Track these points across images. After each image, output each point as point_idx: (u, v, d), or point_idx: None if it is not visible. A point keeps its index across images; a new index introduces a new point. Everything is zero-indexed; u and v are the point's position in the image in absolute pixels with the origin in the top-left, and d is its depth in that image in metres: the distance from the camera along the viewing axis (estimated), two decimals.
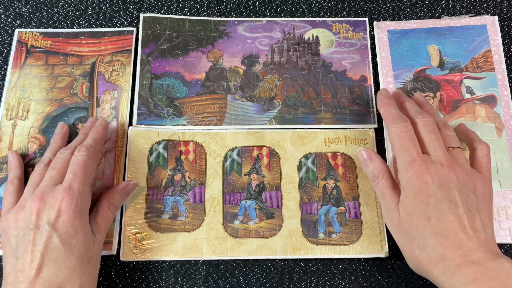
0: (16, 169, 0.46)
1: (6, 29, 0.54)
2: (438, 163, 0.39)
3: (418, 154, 0.39)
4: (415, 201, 0.38)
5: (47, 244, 0.38)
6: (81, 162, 0.41)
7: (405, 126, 0.41)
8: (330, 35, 0.54)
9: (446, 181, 0.38)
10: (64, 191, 0.39)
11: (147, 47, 0.53)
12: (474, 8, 0.56)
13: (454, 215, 0.37)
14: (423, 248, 0.38)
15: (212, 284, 0.45)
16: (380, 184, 0.42)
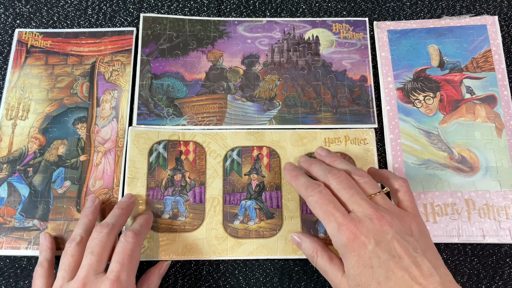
0: (47, 252, 0.43)
1: (6, 29, 0.54)
2: (367, 218, 0.37)
3: (343, 217, 0.37)
4: (359, 270, 0.36)
5: None
6: (129, 251, 0.39)
7: (320, 191, 0.39)
8: (330, 35, 0.54)
9: (381, 235, 0.36)
10: (111, 285, 0.36)
11: (147, 47, 0.53)
12: (474, 8, 0.56)
13: (402, 269, 0.35)
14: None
15: (212, 284, 0.45)
16: (318, 262, 0.40)
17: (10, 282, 0.45)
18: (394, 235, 0.36)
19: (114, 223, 0.41)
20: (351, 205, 0.38)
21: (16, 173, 0.48)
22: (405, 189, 0.41)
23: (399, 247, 0.36)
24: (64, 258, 0.39)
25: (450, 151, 0.49)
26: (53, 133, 0.50)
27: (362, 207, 0.37)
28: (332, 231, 0.37)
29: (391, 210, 0.38)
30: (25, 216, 0.46)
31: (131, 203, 0.45)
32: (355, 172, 0.41)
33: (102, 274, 0.38)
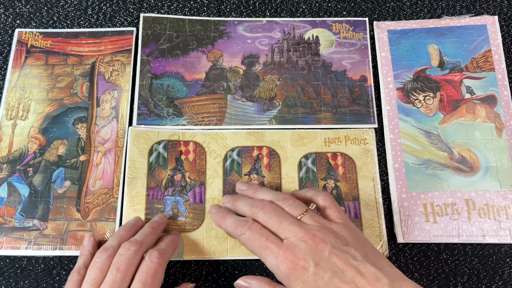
0: (88, 257, 0.42)
1: (6, 29, 0.54)
2: (300, 241, 0.36)
3: (278, 247, 0.36)
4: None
5: None
6: (152, 271, 0.39)
7: (250, 227, 0.38)
8: (330, 35, 0.54)
9: (318, 254, 0.36)
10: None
11: (147, 47, 0.53)
12: (474, 8, 0.56)
13: (347, 284, 0.35)
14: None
15: (212, 284, 0.45)
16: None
17: (10, 282, 0.45)
18: (331, 250, 0.36)
19: (143, 241, 0.41)
20: (283, 233, 0.38)
21: (16, 173, 0.48)
22: (329, 202, 0.41)
23: (339, 260, 0.36)
24: (92, 271, 0.39)
25: (450, 151, 0.49)
26: (53, 133, 0.50)
27: (293, 231, 0.37)
28: (271, 264, 0.37)
29: (322, 225, 0.38)
30: (25, 216, 0.46)
31: (162, 223, 0.45)
32: (278, 198, 0.41)
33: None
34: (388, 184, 0.49)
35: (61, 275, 0.45)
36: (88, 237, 0.44)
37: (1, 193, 0.47)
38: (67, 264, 0.45)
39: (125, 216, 0.46)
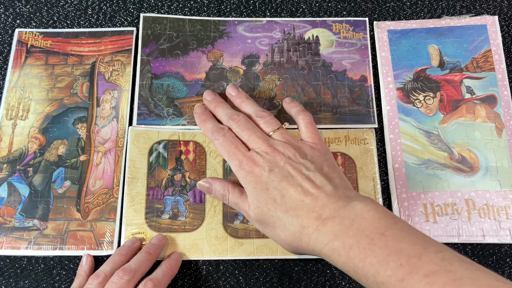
0: (83, 278, 0.42)
1: (6, 29, 0.54)
2: (263, 152, 0.40)
3: (243, 155, 0.41)
4: (256, 193, 0.39)
5: None
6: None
7: (224, 134, 0.43)
8: (330, 35, 0.54)
9: (274, 163, 0.40)
10: None
11: (147, 47, 0.53)
12: (474, 8, 0.56)
13: (294, 186, 0.38)
14: (283, 228, 0.38)
15: (212, 284, 0.45)
16: (230, 197, 0.43)
17: (10, 282, 0.45)
18: (286, 160, 0.40)
19: (137, 270, 0.40)
20: (250, 144, 0.42)
21: (16, 173, 0.48)
22: (306, 122, 0.44)
23: (292, 169, 0.39)
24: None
25: (450, 151, 0.49)
26: (53, 133, 0.50)
27: (258, 144, 0.41)
28: (235, 168, 0.41)
29: (288, 142, 0.42)
30: (25, 216, 0.46)
31: (160, 246, 0.44)
32: (257, 114, 0.44)
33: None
34: (388, 184, 0.49)
35: (61, 275, 0.45)
36: (86, 257, 0.44)
37: (1, 193, 0.47)
38: (67, 264, 0.45)
39: (125, 216, 0.46)
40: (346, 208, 0.35)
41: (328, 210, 0.36)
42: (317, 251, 0.36)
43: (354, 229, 0.34)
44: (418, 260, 0.31)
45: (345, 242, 0.34)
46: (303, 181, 0.38)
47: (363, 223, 0.34)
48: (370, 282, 0.33)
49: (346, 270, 0.35)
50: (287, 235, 0.38)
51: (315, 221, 0.36)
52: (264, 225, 0.40)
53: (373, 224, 0.34)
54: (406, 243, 0.32)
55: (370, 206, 0.35)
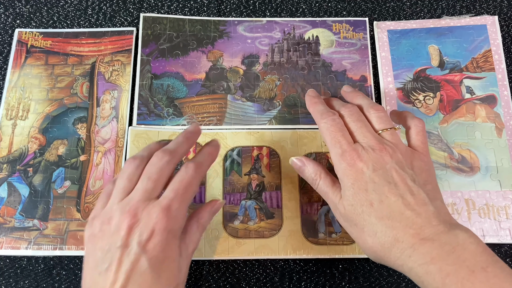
0: None
1: (6, 29, 0.54)
2: (369, 148, 0.38)
3: (348, 145, 0.38)
4: (354, 190, 0.37)
5: (135, 266, 0.34)
6: (186, 183, 0.37)
7: (333, 119, 0.40)
8: (330, 35, 0.54)
9: (380, 164, 0.37)
10: (161, 211, 0.35)
11: (147, 47, 0.53)
12: (474, 8, 0.56)
13: (396, 195, 0.36)
14: (373, 235, 0.36)
15: (212, 284, 0.45)
16: (320, 184, 0.41)
17: (10, 282, 0.45)
18: (393, 165, 0.37)
19: (176, 151, 0.38)
20: (358, 136, 0.39)
21: (16, 173, 0.48)
22: (419, 129, 0.41)
23: (397, 176, 0.37)
24: (121, 180, 0.37)
25: (450, 151, 0.49)
26: (53, 133, 0.50)
27: (368, 138, 0.39)
28: (335, 156, 0.39)
29: (397, 146, 0.39)
30: (25, 216, 0.46)
31: (196, 132, 0.42)
32: (373, 106, 0.42)
33: (155, 199, 0.36)
34: None
35: (61, 275, 0.45)
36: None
37: (1, 193, 0.47)
38: (67, 264, 0.45)
39: None
40: (447, 234, 0.34)
41: (428, 231, 0.34)
42: (405, 268, 0.35)
43: (454, 257, 0.32)
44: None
45: (442, 268, 0.32)
46: (406, 192, 0.36)
47: (464, 254, 0.33)
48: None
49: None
50: (376, 243, 0.36)
51: (411, 238, 0.34)
52: (351, 224, 0.38)
53: (474, 257, 0.32)
54: (508, 284, 0.31)
55: (473, 238, 0.34)
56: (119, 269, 0.34)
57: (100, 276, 0.34)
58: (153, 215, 0.35)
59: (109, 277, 0.34)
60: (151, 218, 0.35)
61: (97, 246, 0.36)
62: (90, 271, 0.35)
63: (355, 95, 0.45)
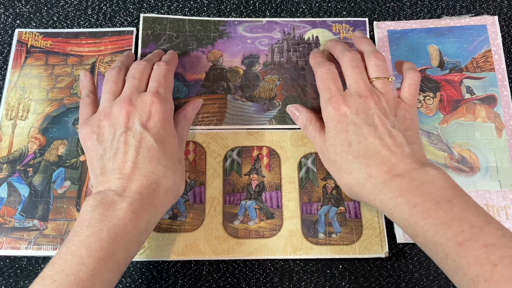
0: (90, 86, 0.48)
1: (6, 29, 0.54)
2: (357, 94, 0.41)
3: (337, 91, 0.41)
4: (335, 131, 0.40)
5: (141, 143, 0.39)
6: (163, 73, 0.44)
7: (329, 68, 0.43)
8: (330, 35, 0.54)
9: (363, 108, 0.40)
10: (152, 95, 0.41)
11: (147, 47, 0.53)
12: (474, 8, 0.56)
13: (374, 137, 0.38)
14: (349, 172, 0.39)
15: (212, 284, 0.45)
16: (310, 129, 0.45)
17: (10, 282, 0.45)
18: (376, 111, 0.40)
19: (151, 59, 0.46)
20: (350, 81, 0.42)
21: (16, 173, 0.48)
22: (412, 81, 0.44)
23: (378, 120, 0.39)
24: (107, 84, 0.44)
25: (450, 151, 0.49)
26: (53, 133, 0.50)
27: (358, 84, 0.41)
28: (323, 101, 0.42)
29: (385, 95, 0.41)
30: (25, 216, 0.46)
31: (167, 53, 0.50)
32: (374, 53, 0.44)
33: (143, 91, 0.42)
34: None
35: None
36: (83, 73, 0.49)
37: (1, 193, 0.47)
38: None
39: None
40: (418, 171, 0.36)
41: (400, 168, 0.37)
42: (377, 201, 0.37)
43: (422, 190, 0.35)
44: (480, 230, 0.32)
45: (410, 200, 0.35)
46: (384, 135, 0.39)
47: (432, 187, 0.35)
48: (426, 241, 0.34)
49: (404, 225, 0.36)
50: (351, 179, 0.39)
51: (384, 174, 0.37)
52: (330, 163, 0.41)
53: (441, 191, 0.35)
54: (471, 213, 0.33)
55: (442, 175, 0.36)
56: (128, 149, 0.38)
57: (110, 161, 0.38)
58: (147, 100, 0.40)
59: (119, 158, 0.38)
60: (146, 102, 0.40)
61: (99, 140, 0.40)
62: (97, 163, 0.39)
63: (362, 41, 0.47)
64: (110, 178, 0.38)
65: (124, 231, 0.35)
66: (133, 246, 0.36)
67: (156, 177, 0.38)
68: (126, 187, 0.37)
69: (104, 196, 0.36)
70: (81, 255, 0.33)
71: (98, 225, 0.34)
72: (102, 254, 0.33)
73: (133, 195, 0.37)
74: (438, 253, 0.33)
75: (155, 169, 0.38)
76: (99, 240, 0.34)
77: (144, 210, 0.37)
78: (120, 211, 0.35)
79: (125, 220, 0.35)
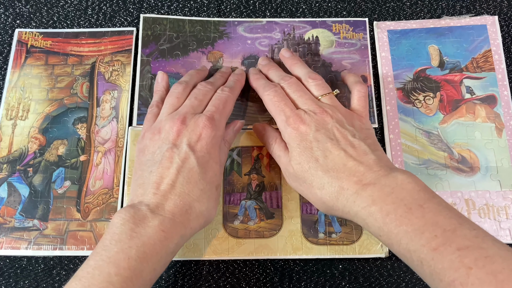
0: (163, 92, 0.47)
1: (6, 29, 0.54)
2: (311, 112, 0.41)
3: (291, 111, 0.42)
4: (300, 150, 0.40)
5: (184, 164, 0.39)
6: (224, 99, 0.44)
7: (275, 91, 0.44)
8: (330, 35, 0.54)
9: (322, 124, 0.40)
10: (206, 119, 0.41)
11: (147, 47, 0.53)
12: (474, 8, 0.56)
13: (338, 149, 0.39)
14: (321, 187, 0.39)
15: (212, 284, 0.45)
16: (274, 148, 0.44)
17: (10, 282, 0.45)
18: (334, 124, 0.41)
19: (216, 83, 0.47)
20: (299, 104, 0.43)
21: (16, 173, 0.48)
22: (361, 94, 0.45)
23: (338, 133, 0.40)
24: (170, 98, 0.44)
25: (450, 151, 0.49)
26: (53, 133, 0.50)
27: (308, 104, 0.42)
28: (281, 123, 0.42)
29: (336, 107, 0.43)
30: (25, 216, 0.46)
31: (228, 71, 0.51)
32: (309, 76, 0.45)
33: (200, 113, 0.43)
34: None
35: (61, 275, 0.45)
36: (162, 74, 0.49)
37: (1, 193, 0.47)
38: (67, 264, 0.45)
39: None
40: (387, 177, 0.36)
41: (369, 177, 0.37)
42: (352, 213, 0.37)
43: (393, 197, 0.35)
44: (452, 233, 0.32)
45: (382, 208, 0.35)
46: (347, 146, 0.39)
47: (402, 193, 0.35)
48: (401, 248, 0.34)
49: (379, 234, 0.36)
50: (324, 194, 0.39)
51: (355, 185, 0.37)
52: (300, 182, 0.41)
53: (412, 195, 0.35)
54: (443, 217, 0.33)
55: (411, 178, 0.36)
56: (170, 166, 0.38)
57: (151, 174, 0.39)
58: (200, 122, 0.41)
59: (159, 172, 0.38)
60: (198, 125, 0.41)
61: (148, 152, 0.41)
62: (140, 174, 0.40)
63: (293, 64, 0.48)
64: (146, 192, 0.38)
65: (153, 251, 0.35)
66: (159, 267, 0.36)
67: (191, 199, 0.38)
68: (160, 204, 0.37)
69: (137, 211, 0.36)
70: (109, 272, 0.32)
71: (128, 242, 0.34)
72: (130, 273, 0.33)
73: (165, 214, 0.36)
74: (413, 260, 0.33)
75: (191, 191, 0.38)
76: (128, 258, 0.33)
77: (174, 231, 0.36)
78: (150, 229, 0.35)
79: (154, 239, 0.35)
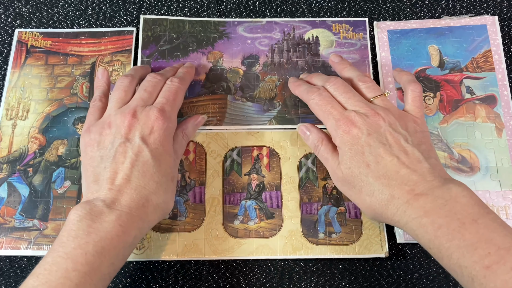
0: (104, 87, 0.46)
1: (6, 29, 0.54)
2: (363, 115, 0.40)
3: (340, 114, 0.40)
4: (351, 154, 0.39)
5: (138, 157, 0.38)
6: (174, 90, 0.43)
7: (320, 94, 0.43)
8: (330, 35, 0.54)
9: (374, 128, 0.39)
10: (158, 112, 0.41)
11: (148, 48, 0.53)
12: (474, 8, 0.56)
13: (391, 155, 0.38)
14: (371, 194, 0.38)
15: (212, 284, 0.45)
16: (321, 150, 0.43)
17: (10, 282, 0.45)
18: (386, 128, 0.39)
19: (166, 74, 0.46)
20: (349, 107, 0.41)
21: (16, 173, 0.48)
22: (415, 94, 0.43)
23: (391, 137, 0.39)
24: (116, 92, 0.43)
25: (450, 151, 0.49)
26: (53, 133, 0.50)
27: (358, 106, 0.41)
28: (331, 127, 0.41)
29: (391, 110, 0.41)
30: (25, 216, 0.46)
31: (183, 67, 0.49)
32: (360, 78, 0.44)
33: (150, 105, 0.42)
34: None
35: None
36: (102, 70, 0.48)
37: (1, 193, 0.47)
38: None
39: None
40: (441, 189, 0.35)
41: (422, 187, 0.36)
42: (401, 223, 0.36)
43: (446, 210, 0.34)
44: (507, 252, 0.31)
45: (435, 221, 0.34)
46: (400, 152, 0.38)
47: (456, 206, 0.34)
48: (452, 263, 0.33)
49: (429, 247, 0.35)
50: (374, 201, 0.38)
51: (406, 194, 0.36)
52: (349, 186, 0.40)
53: (466, 210, 0.34)
54: (497, 234, 0.32)
55: (466, 192, 0.35)
56: (124, 161, 0.38)
57: (105, 170, 0.38)
58: (152, 115, 0.40)
59: (113, 167, 0.38)
60: (150, 117, 0.40)
61: (99, 147, 0.40)
62: (92, 170, 0.39)
63: (342, 68, 0.47)
64: (101, 187, 0.37)
65: (110, 246, 0.35)
66: (118, 261, 0.36)
67: (147, 192, 0.38)
68: (115, 199, 0.37)
69: (93, 207, 0.36)
70: (66, 268, 0.32)
71: (85, 238, 0.34)
72: (88, 268, 0.33)
73: (122, 208, 0.36)
74: (464, 276, 0.32)
75: (146, 184, 0.38)
76: (85, 253, 0.33)
77: (132, 225, 0.36)
78: (107, 224, 0.35)
79: (112, 234, 0.35)
